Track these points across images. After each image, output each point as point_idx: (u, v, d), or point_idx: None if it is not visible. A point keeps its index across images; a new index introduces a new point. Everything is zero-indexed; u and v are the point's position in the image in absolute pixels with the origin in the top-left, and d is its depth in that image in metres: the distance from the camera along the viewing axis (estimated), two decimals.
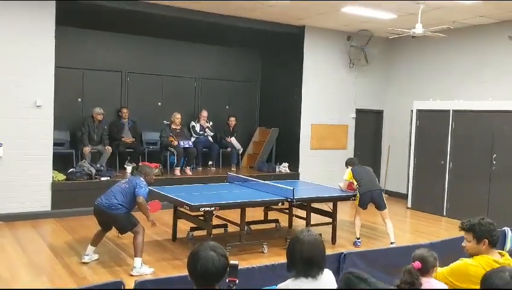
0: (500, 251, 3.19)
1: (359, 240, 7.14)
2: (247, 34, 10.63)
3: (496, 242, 3.14)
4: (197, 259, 2.29)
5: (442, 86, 10.34)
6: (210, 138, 10.81)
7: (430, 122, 9.95)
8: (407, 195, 10.48)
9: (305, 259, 2.59)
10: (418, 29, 7.92)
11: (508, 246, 4.83)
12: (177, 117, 10.08)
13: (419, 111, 10.14)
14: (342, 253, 4.14)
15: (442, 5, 8.10)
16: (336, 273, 3.93)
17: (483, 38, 9.60)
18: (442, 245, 4.69)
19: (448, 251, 4.43)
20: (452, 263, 3.22)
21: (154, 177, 6.07)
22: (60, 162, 8.90)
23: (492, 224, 3.13)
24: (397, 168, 11.45)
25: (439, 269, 3.16)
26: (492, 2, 7.85)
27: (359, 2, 8.29)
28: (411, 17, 8.50)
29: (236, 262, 2.36)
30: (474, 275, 2.93)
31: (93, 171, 8.69)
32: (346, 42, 10.98)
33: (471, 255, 3.19)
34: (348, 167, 7.44)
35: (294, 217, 7.81)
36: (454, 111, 9.45)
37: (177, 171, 9.66)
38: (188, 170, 9.90)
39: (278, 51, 11.68)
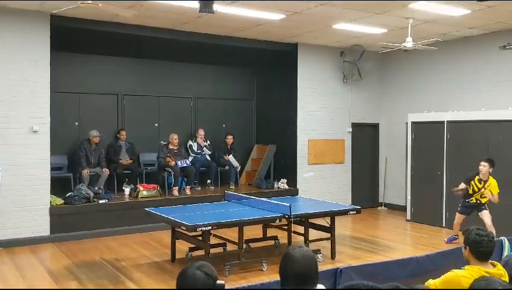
0: (493, 261, 3.20)
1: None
2: (242, 53, 10.74)
3: (482, 255, 3.11)
4: (184, 278, 2.32)
5: (436, 97, 10.41)
6: (208, 157, 10.85)
7: (425, 134, 10.00)
8: (405, 207, 10.48)
9: (297, 275, 2.60)
10: (409, 43, 8.05)
11: (505, 254, 4.83)
12: (175, 138, 10.12)
13: (414, 123, 10.19)
14: (338, 268, 4.11)
15: (431, 19, 8.21)
16: (332, 288, 3.93)
17: (475, 49, 9.70)
18: (438, 257, 4.70)
19: (445, 263, 4.45)
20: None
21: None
22: (59, 186, 8.92)
23: (481, 236, 3.11)
24: (395, 180, 11.47)
25: (431, 281, 3.17)
26: (480, 14, 7.95)
27: (346, 13, 8.39)
28: (402, 31, 8.61)
29: (222, 282, 2.38)
30: (467, 286, 2.93)
31: (91, 194, 8.68)
32: (339, 58, 11.10)
33: (465, 260, 3.23)
34: (490, 168, 7.50)
35: (293, 234, 7.79)
36: (449, 122, 9.51)
37: (175, 191, 9.68)
38: (188, 190, 9.92)
39: (273, 69, 11.78)
